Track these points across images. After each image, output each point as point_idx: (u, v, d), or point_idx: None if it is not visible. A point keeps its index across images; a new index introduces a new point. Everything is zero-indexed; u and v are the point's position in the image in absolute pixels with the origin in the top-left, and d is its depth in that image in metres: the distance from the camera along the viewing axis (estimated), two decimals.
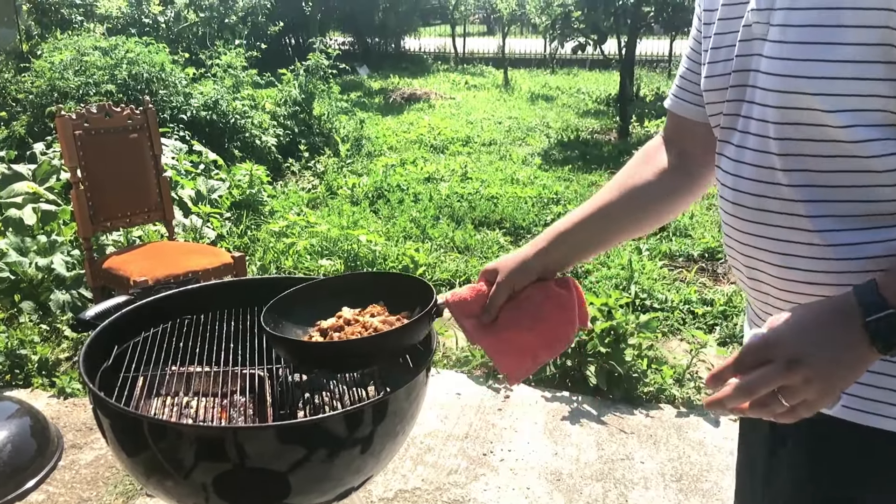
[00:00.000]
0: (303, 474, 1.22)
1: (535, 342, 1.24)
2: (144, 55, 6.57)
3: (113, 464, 2.50)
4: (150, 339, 1.47)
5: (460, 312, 1.25)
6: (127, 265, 3.04)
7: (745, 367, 0.80)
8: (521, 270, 1.20)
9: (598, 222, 1.19)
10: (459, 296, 1.26)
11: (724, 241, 1.04)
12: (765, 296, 0.98)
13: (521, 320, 1.22)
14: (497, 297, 1.21)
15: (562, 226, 1.20)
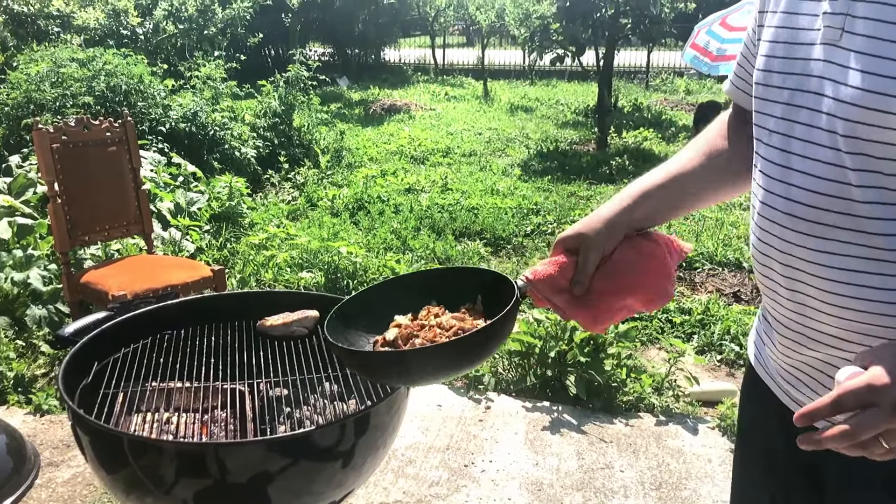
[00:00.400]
0: (284, 489, 1.22)
1: (637, 303, 1.15)
2: (123, 67, 6.53)
3: (91, 481, 2.48)
4: (130, 355, 1.47)
5: (549, 289, 1.13)
6: (105, 279, 3.02)
7: (846, 409, 0.77)
8: (609, 231, 1.12)
9: (682, 183, 1.14)
10: (544, 272, 1.13)
11: (760, 247, 1.00)
12: (807, 308, 0.94)
13: (620, 283, 1.13)
14: (589, 264, 1.12)
15: (645, 185, 1.14)
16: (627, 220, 1.12)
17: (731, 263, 5.02)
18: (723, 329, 3.85)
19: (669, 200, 1.15)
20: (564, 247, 1.14)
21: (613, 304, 1.13)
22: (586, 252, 1.12)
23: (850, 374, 0.78)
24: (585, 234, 1.12)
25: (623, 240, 1.13)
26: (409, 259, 4.81)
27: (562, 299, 1.13)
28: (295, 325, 1.59)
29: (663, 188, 1.13)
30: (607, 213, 1.13)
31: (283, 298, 1.68)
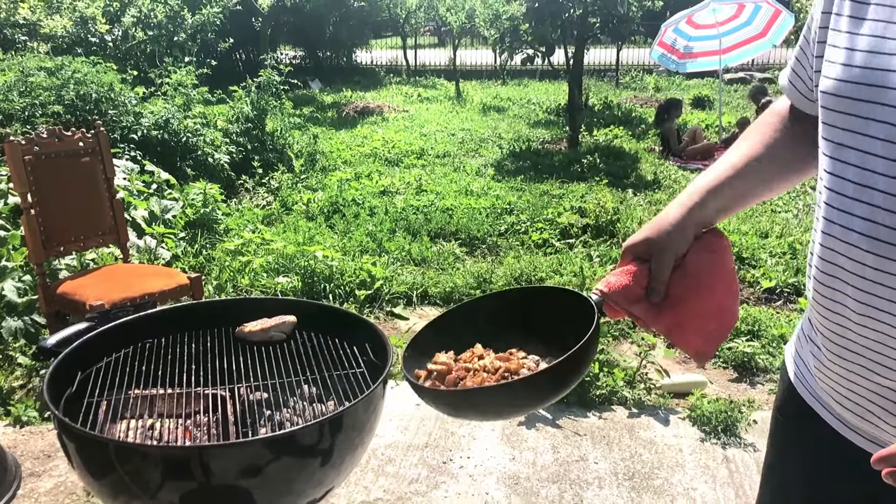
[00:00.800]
0: (266, 488, 1.27)
1: (718, 305, 1.12)
2: (92, 75, 6.51)
3: (73, 491, 2.50)
4: (113, 363, 1.51)
5: (625, 301, 1.09)
6: (82, 289, 3.04)
7: None
8: (680, 234, 1.08)
9: (751, 175, 1.11)
10: (618, 284, 1.09)
11: (826, 269, 0.94)
12: (882, 335, 0.89)
13: (699, 285, 1.09)
14: (664, 271, 1.08)
15: (710, 180, 1.11)
16: (698, 219, 1.09)
17: None
18: None
19: (738, 192, 1.11)
20: (634, 254, 1.11)
21: (695, 307, 1.10)
22: (659, 257, 1.08)
23: None
24: (655, 239, 1.08)
25: (694, 240, 1.10)
26: (385, 261, 4.86)
27: (640, 309, 1.09)
28: (273, 331, 1.64)
29: (735, 179, 1.10)
30: (676, 214, 1.09)
31: (261, 304, 1.72)
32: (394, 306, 4.30)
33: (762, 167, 1.11)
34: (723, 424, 2.97)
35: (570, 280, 4.41)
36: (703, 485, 2.63)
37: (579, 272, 4.46)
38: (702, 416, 3.02)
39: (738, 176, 1.10)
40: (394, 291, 4.39)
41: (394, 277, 4.55)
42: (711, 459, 2.78)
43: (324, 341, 1.63)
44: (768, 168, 1.12)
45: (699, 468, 2.73)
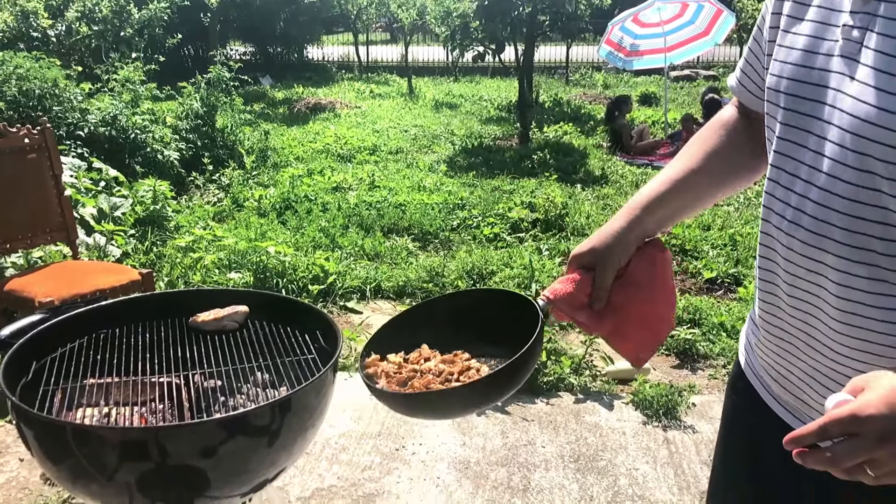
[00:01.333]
0: (221, 468, 1.33)
1: (656, 313, 1.19)
2: (35, 70, 6.37)
3: (25, 485, 2.50)
4: (67, 354, 1.54)
5: (569, 307, 1.16)
6: (31, 286, 3.02)
7: (830, 436, 0.78)
8: (622, 245, 1.14)
9: (688, 188, 1.17)
10: (562, 291, 1.15)
11: (764, 253, 1.02)
12: (809, 317, 0.96)
13: (638, 294, 1.16)
14: (605, 280, 1.14)
15: (651, 193, 1.17)
16: (638, 232, 1.15)
17: None
18: None
19: (675, 207, 1.17)
20: (579, 263, 1.17)
21: (635, 315, 1.16)
22: (602, 267, 1.14)
23: (838, 402, 0.79)
24: (598, 250, 1.14)
25: (636, 251, 1.16)
26: (339, 256, 4.91)
27: (583, 315, 1.15)
28: (226, 320, 1.69)
29: (670, 194, 1.16)
30: (617, 226, 1.15)
31: (213, 295, 1.77)
32: (347, 300, 4.35)
33: (699, 180, 1.17)
34: (664, 408, 3.11)
35: (520, 273, 4.52)
36: (644, 465, 2.76)
37: (528, 265, 4.57)
38: (644, 400, 3.15)
39: (675, 191, 1.16)
40: (347, 286, 4.44)
41: (347, 272, 4.60)
42: (653, 441, 2.91)
43: (275, 329, 1.69)
44: (705, 181, 1.17)
45: (641, 449, 2.86)
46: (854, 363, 0.92)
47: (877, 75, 0.82)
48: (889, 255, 0.86)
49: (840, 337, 0.92)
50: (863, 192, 0.86)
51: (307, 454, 2.75)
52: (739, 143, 1.18)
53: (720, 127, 1.21)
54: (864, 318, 0.89)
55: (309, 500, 2.50)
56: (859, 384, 0.80)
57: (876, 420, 0.75)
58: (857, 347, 0.91)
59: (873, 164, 0.84)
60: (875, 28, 0.83)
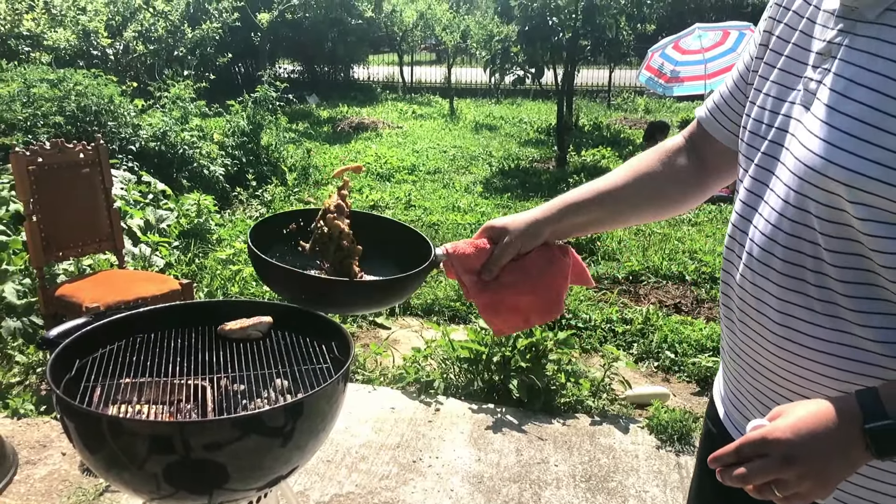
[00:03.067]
0: (239, 463, 1.46)
1: (533, 305, 1.26)
2: (93, 87, 6.71)
3: (66, 477, 2.68)
4: (107, 354, 1.70)
5: (461, 267, 1.25)
6: (79, 292, 3.23)
7: (744, 457, 0.86)
8: (531, 234, 1.22)
9: (608, 202, 1.22)
10: (462, 250, 1.25)
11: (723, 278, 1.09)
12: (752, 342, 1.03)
13: (524, 283, 1.24)
14: (502, 258, 1.22)
15: (573, 197, 1.23)
16: (552, 228, 1.23)
17: (675, 277, 5.34)
18: (660, 337, 4.15)
19: (594, 216, 1.24)
20: (488, 234, 1.26)
21: (512, 298, 1.25)
22: (505, 245, 1.23)
23: (755, 426, 0.87)
24: (510, 229, 1.23)
25: (541, 245, 1.24)
26: None
27: (469, 279, 1.25)
28: (251, 329, 1.83)
29: (590, 203, 1.23)
30: (534, 216, 1.23)
31: (241, 306, 1.91)
32: (377, 316, 4.49)
33: (622, 200, 1.23)
34: (678, 433, 3.16)
35: None
36: (654, 488, 2.82)
37: None
38: (659, 425, 3.21)
39: (596, 202, 1.23)
40: None
41: None
42: (665, 465, 2.97)
43: (296, 340, 1.82)
44: (628, 202, 1.24)
45: (652, 473, 2.92)
46: (791, 385, 0.99)
47: (819, 125, 0.91)
48: (819, 286, 0.93)
49: (778, 360, 0.99)
50: (801, 228, 0.93)
51: (328, 462, 2.88)
52: (674, 174, 1.24)
53: (662, 154, 1.27)
54: (799, 346, 0.96)
55: None
56: (778, 411, 0.88)
57: (782, 444, 0.83)
58: (792, 371, 0.98)
59: (809, 205, 0.92)
60: (827, 83, 0.92)
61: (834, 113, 0.89)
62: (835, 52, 0.92)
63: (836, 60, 0.92)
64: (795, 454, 0.83)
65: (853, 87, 0.88)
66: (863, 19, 0.90)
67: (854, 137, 0.86)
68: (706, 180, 1.26)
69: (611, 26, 9.46)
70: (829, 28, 0.94)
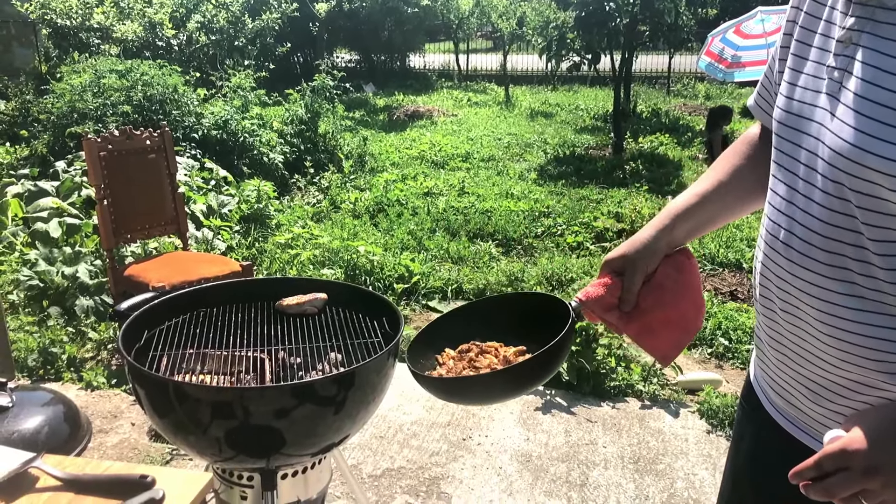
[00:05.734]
0: (294, 430, 1.54)
1: (683, 314, 1.27)
2: (158, 77, 6.96)
3: (135, 445, 2.84)
4: (173, 326, 1.81)
5: (600, 309, 1.26)
6: (146, 272, 3.39)
7: (825, 470, 0.85)
8: (651, 253, 1.23)
9: (714, 202, 1.24)
10: (594, 294, 1.26)
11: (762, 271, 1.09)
12: (799, 330, 1.03)
13: (664, 298, 1.24)
14: (634, 284, 1.23)
15: (679, 206, 1.25)
16: (667, 240, 1.24)
17: (732, 264, 5.26)
18: (714, 324, 4.11)
19: (704, 218, 1.25)
20: (611, 269, 1.25)
21: (661, 318, 1.25)
22: (631, 272, 1.23)
23: (832, 438, 0.87)
24: (629, 256, 1.23)
25: (664, 258, 1.25)
26: (424, 258, 5.14)
27: (613, 316, 1.25)
28: (307, 305, 1.92)
29: (698, 207, 1.24)
30: (647, 235, 1.24)
31: (297, 283, 2.00)
32: (429, 300, 4.57)
33: (726, 194, 1.25)
34: (729, 418, 3.15)
35: None
36: (703, 471, 2.82)
37: None
38: (710, 409, 3.21)
39: (704, 202, 1.24)
40: (430, 286, 4.66)
41: (431, 273, 4.82)
42: (715, 449, 2.97)
43: (349, 315, 1.90)
44: (732, 194, 1.26)
45: (702, 457, 2.92)
46: (838, 371, 0.99)
47: (851, 114, 0.90)
48: (864, 275, 0.94)
49: (824, 346, 0.99)
50: (839, 217, 0.94)
51: (380, 437, 2.98)
52: (761, 159, 1.25)
53: (746, 143, 1.29)
54: (843, 331, 0.96)
55: (380, 477, 2.72)
56: (851, 421, 0.89)
57: (862, 454, 0.84)
58: (840, 358, 0.98)
59: (847, 193, 0.92)
60: (853, 71, 0.92)
61: (864, 102, 0.89)
62: (855, 39, 0.93)
63: (859, 48, 0.92)
64: (877, 464, 0.83)
65: (882, 76, 0.88)
66: (883, 6, 0.89)
67: (888, 126, 0.85)
68: None
69: (670, 11, 9.30)
70: (848, 14, 0.94)
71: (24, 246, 4.47)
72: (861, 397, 0.99)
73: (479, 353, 1.43)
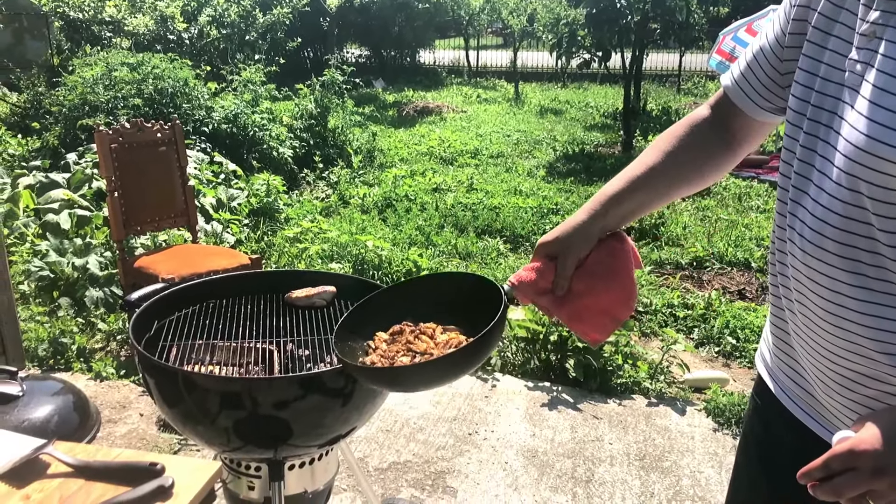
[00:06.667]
0: (301, 421, 1.55)
1: (613, 300, 1.27)
2: (169, 71, 6.98)
3: (143, 436, 2.86)
4: (183, 317, 1.82)
5: (532, 293, 1.26)
6: (156, 264, 3.41)
7: (833, 470, 0.86)
8: (583, 237, 1.23)
9: (647, 185, 1.24)
10: (526, 277, 1.26)
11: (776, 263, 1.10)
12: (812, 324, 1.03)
13: (596, 283, 1.25)
14: (567, 269, 1.24)
15: (613, 189, 1.24)
16: (601, 225, 1.24)
17: (741, 263, 5.25)
18: (722, 323, 4.10)
19: (637, 202, 1.25)
20: (544, 252, 1.26)
21: (593, 303, 1.26)
22: (564, 256, 1.24)
23: (840, 439, 0.88)
24: (562, 240, 1.24)
25: (598, 242, 1.25)
26: (431, 253, 5.15)
27: (545, 300, 1.26)
28: (316, 298, 1.93)
29: (629, 192, 1.23)
30: (581, 219, 1.24)
31: (307, 276, 2.01)
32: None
33: (658, 180, 1.24)
34: (736, 417, 3.14)
35: None
36: (709, 469, 2.82)
37: None
38: (717, 408, 3.20)
39: (636, 188, 1.24)
40: None
41: (439, 268, 4.83)
42: (721, 447, 2.97)
43: None
44: (664, 181, 1.25)
45: (708, 454, 2.92)
46: (848, 363, 0.99)
47: (870, 107, 0.90)
48: (873, 266, 0.94)
49: (835, 339, 1.00)
50: (853, 209, 0.94)
51: (387, 431, 2.99)
52: (703, 147, 1.25)
53: (689, 126, 1.27)
54: (850, 322, 0.96)
55: (386, 471, 2.73)
56: (863, 421, 0.89)
57: (870, 455, 0.84)
58: (851, 350, 0.98)
59: (861, 186, 0.92)
60: (875, 64, 0.91)
61: (885, 94, 0.89)
62: (879, 33, 0.92)
63: (882, 42, 0.91)
64: (885, 464, 0.83)
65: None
66: None
67: None
68: (735, 150, 1.26)
69: (681, 9, 9.26)
70: (872, 8, 0.94)
71: (36, 237, 4.50)
72: (868, 391, 0.99)
73: (415, 336, 1.41)
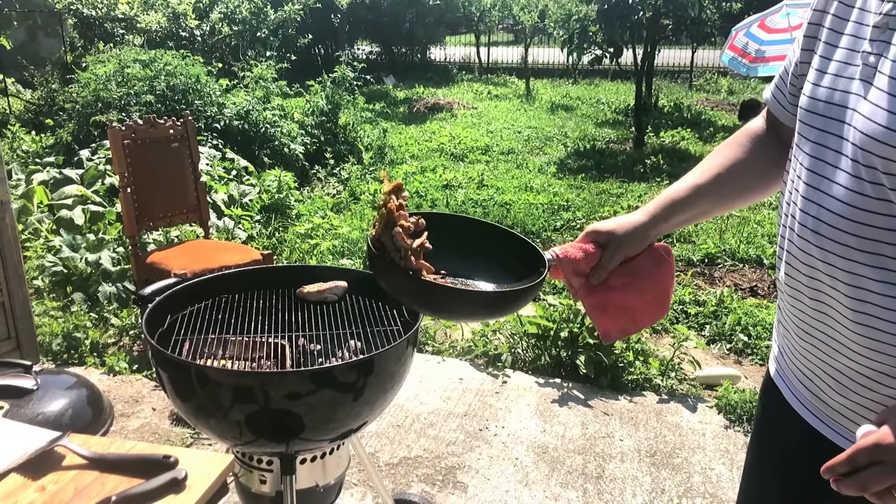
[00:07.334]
0: (313, 415, 1.56)
1: (642, 307, 1.29)
2: (181, 67, 7.01)
3: (156, 430, 2.88)
4: (195, 311, 1.83)
5: (571, 270, 1.27)
6: (168, 260, 3.43)
7: (858, 465, 0.85)
8: (637, 238, 1.24)
9: (708, 194, 1.24)
10: (572, 254, 1.26)
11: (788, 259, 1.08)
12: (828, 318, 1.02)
13: (633, 285, 1.26)
14: (611, 262, 1.24)
15: (673, 195, 1.24)
16: (658, 229, 1.25)
17: (752, 260, 5.22)
18: (734, 320, 4.09)
19: (698, 210, 1.26)
20: (593, 238, 1.27)
21: (622, 301, 1.28)
22: (614, 250, 1.24)
23: (865, 433, 0.87)
24: (618, 235, 1.24)
25: (647, 247, 1.26)
26: None
27: (578, 282, 1.27)
28: (327, 293, 1.93)
29: (691, 199, 1.24)
30: (639, 219, 1.25)
31: (318, 271, 2.02)
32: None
33: (720, 189, 1.25)
34: (748, 414, 3.13)
35: None
36: (720, 466, 2.81)
37: None
38: (728, 405, 3.19)
39: (696, 196, 1.24)
40: None
41: None
42: (732, 444, 2.96)
43: (368, 303, 1.91)
44: (726, 189, 1.25)
45: (719, 451, 2.91)
46: (868, 361, 0.98)
47: (885, 97, 0.90)
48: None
49: (854, 336, 0.98)
50: (872, 202, 0.93)
51: (397, 427, 3.00)
52: (763, 155, 1.25)
53: (747, 137, 1.28)
54: (875, 318, 0.95)
55: (396, 466, 2.74)
56: (884, 415, 0.88)
57: (895, 448, 0.83)
58: (869, 346, 0.97)
59: (880, 177, 0.91)
60: (888, 55, 0.91)
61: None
62: (892, 25, 0.92)
63: (895, 33, 0.91)
64: None
65: None
66: None
67: None
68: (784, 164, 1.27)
69: (694, 5, 9.21)
70: (884, 0, 0.94)
71: (49, 233, 4.53)
72: (887, 390, 0.98)
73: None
